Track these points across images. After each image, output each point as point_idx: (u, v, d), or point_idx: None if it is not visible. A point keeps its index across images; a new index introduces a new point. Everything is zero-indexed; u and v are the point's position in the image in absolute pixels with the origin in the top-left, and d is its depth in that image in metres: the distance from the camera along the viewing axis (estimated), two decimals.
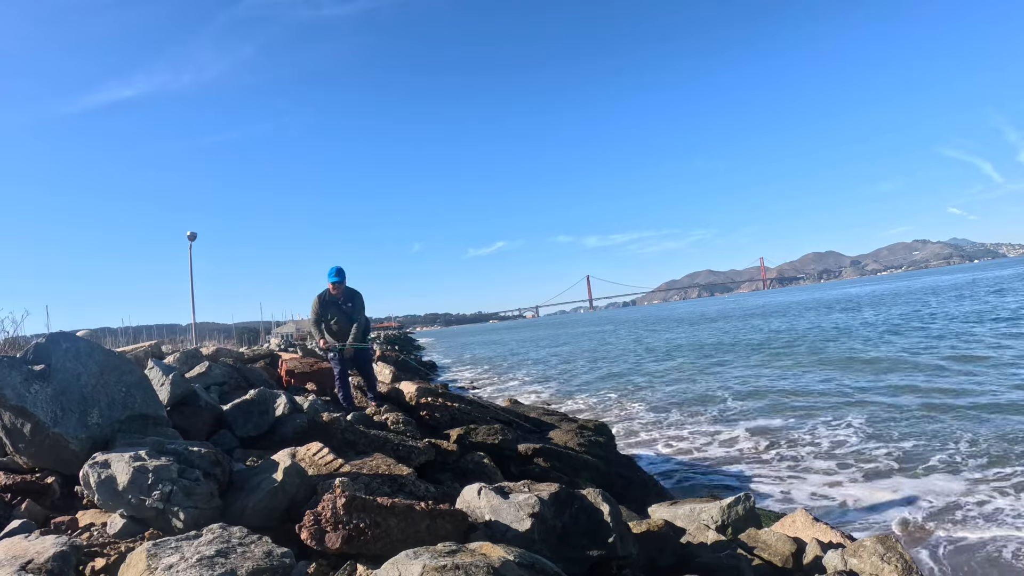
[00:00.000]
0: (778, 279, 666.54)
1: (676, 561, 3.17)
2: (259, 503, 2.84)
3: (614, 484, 5.82)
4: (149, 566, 1.98)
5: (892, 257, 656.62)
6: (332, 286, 6.74)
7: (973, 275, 77.55)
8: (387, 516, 2.36)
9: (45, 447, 3.13)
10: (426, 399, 7.05)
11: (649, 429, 10.40)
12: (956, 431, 8.01)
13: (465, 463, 4.86)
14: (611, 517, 2.79)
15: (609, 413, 12.30)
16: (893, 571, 2.85)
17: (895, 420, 9.00)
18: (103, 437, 3.25)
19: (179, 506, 2.66)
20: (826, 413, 9.97)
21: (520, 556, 2.09)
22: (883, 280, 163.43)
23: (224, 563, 1.98)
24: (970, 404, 9.30)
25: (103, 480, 2.72)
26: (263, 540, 2.20)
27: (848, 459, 7.47)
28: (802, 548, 3.48)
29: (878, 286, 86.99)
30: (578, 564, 2.66)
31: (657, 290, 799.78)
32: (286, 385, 8.44)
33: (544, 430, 7.49)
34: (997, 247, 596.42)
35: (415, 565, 1.88)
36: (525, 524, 2.61)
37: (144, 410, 3.53)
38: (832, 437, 8.42)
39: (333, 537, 2.25)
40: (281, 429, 4.48)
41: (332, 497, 2.37)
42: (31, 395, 3.11)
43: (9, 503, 2.99)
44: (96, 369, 3.42)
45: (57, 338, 3.43)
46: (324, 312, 6.77)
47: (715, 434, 9.48)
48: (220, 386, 6.79)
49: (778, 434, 9.01)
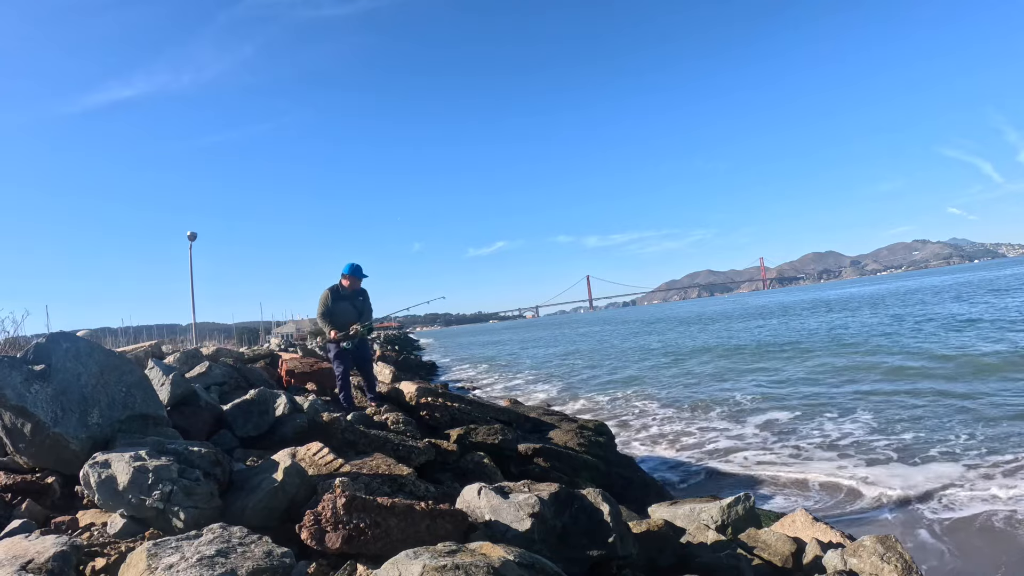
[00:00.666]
0: (778, 279, 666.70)
1: (676, 561, 3.17)
2: (259, 503, 2.84)
3: (614, 484, 5.82)
4: (149, 566, 1.98)
5: (892, 257, 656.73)
6: (347, 280, 6.81)
7: (973, 275, 77.56)
8: (387, 516, 2.36)
9: (45, 447, 3.13)
10: (426, 399, 7.05)
11: (649, 429, 10.40)
12: (956, 425, 8.09)
13: (465, 463, 4.87)
14: (611, 517, 2.79)
15: (610, 413, 12.29)
16: (893, 571, 2.85)
17: (899, 415, 9.06)
18: (103, 437, 3.25)
19: (179, 506, 2.66)
20: (831, 410, 10.00)
21: (520, 556, 2.10)
22: (883, 280, 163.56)
23: (224, 563, 1.98)
24: (972, 400, 9.32)
25: (103, 480, 2.72)
26: (263, 540, 2.20)
27: (849, 450, 7.62)
28: (802, 548, 3.48)
29: (878, 286, 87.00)
30: (578, 564, 2.66)
31: (657, 290, 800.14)
32: (286, 385, 8.45)
33: (544, 430, 7.49)
34: (997, 247, 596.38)
35: (415, 565, 1.88)
36: (525, 524, 2.61)
37: (144, 410, 3.53)
38: (836, 432, 8.44)
39: (333, 537, 2.25)
40: (281, 429, 4.48)
41: (332, 497, 2.37)
42: (31, 395, 3.11)
43: (10, 503, 2.99)
44: (96, 369, 3.42)
45: (57, 338, 3.44)
46: (334, 305, 6.81)
47: (716, 434, 9.47)
48: (220, 386, 6.80)
49: (782, 433, 9.01)
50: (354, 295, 6.92)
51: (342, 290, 6.85)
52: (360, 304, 6.95)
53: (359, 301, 6.95)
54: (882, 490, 6.20)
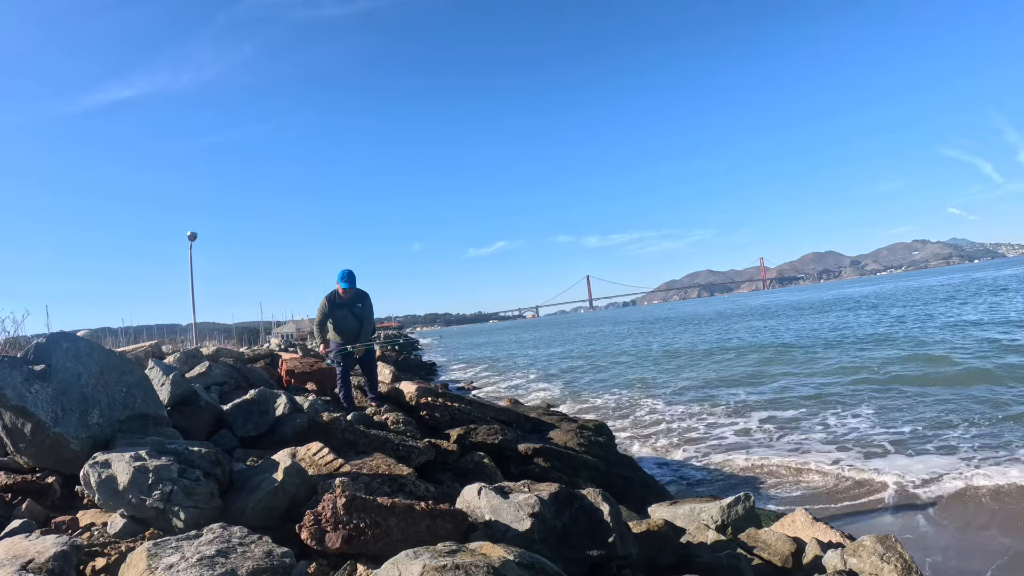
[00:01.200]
0: (778, 279, 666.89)
1: (676, 561, 3.17)
2: (259, 503, 2.84)
3: (614, 484, 5.82)
4: (149, 566, 1.98)
5: (892, 257, 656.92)
6: (342, 290, 6.72)
7: (973, 275, 77.61)
8: (387, 516, 2.36)
9: (46, 447, 3.13)
10: (426, 399, 7.05)
11: (649, 429, 10.40)
12: (957, 423, 8.13)
13: (465, 463, 4.87)
14: (611, 517, 2.79)
15: (610, 413, 12.30)
16: (893, 571, 2.85)
17: (902, 416, 9.09)
18: (103, 437, 3.25)
19: (179, 506, 2.66)
20: (832, 408, 10.01)
21: (520, 556, 2.10)
22: (883, 280, 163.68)
23: (224, 563, 1.99)
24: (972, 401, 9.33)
25: (103, 480, 2.72)
26: (263, 540, 2.20)
27: (851, 449, 7.71)
28: (802, 548, 3.48)
29: (878, 286, 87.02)
30: (578, 564, 2.66)
31: (657, 290, 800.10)
32: (286, 385, 8.45)
33: (544, 430, 7.49)
34: (997, 247, 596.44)
35: (415, 565, 1.88)
36: (525, 524, 2.61)
37: (144, 410, 3.53)
38: (838, 431, 8.44)
39: (333, 537, 2.25)
40: (281, 429, 4.49)
41: (332, 497, 2.37)
42: (32, 395, 3.11)
43: (10, 503, 2.99)
44: (96, 369, 3.42)
45: (57, 338, 3.44)
46: (332, 313, 6.77)
47: (717, 433, 9.48)
48: (220, 386, 6.80)
49: (783, 432, 9.01)
50: (352, 301, 6.81)
51: (338, 298, 6.76)
52: (360, 311, 6.83)
53: (358, 308, 6.83)
54: (882, 489, 6.22)
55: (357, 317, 6.82)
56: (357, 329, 6.79)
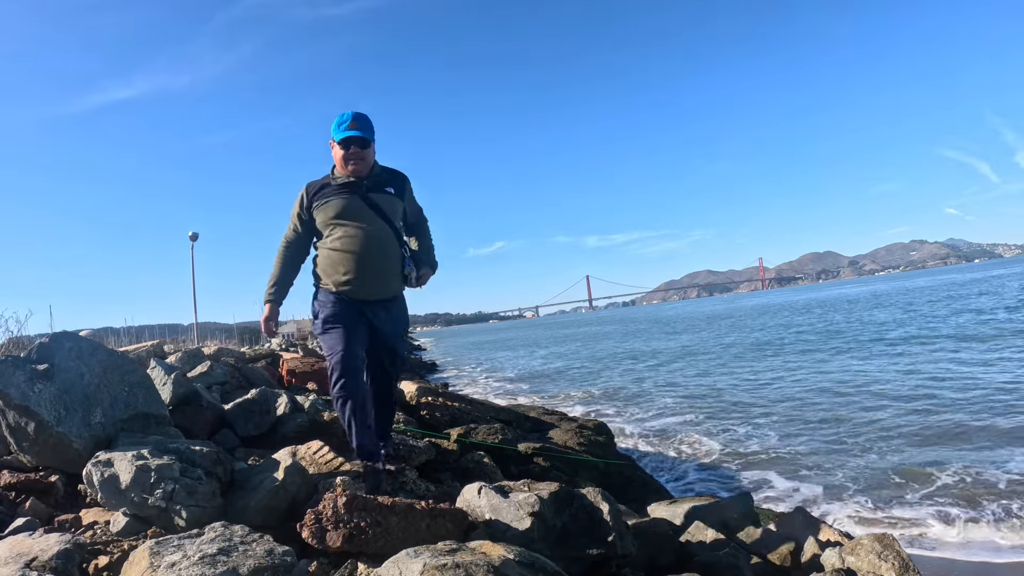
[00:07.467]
0: (777, 279, 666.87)
1: (675, 559, 3.18)
2: (260, 502, 2.85)
3: (613, 483, 5.83)
4: (152, 564, 2.00)
5: (890, 257, 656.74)
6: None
7: (973, 275, 77.48)
8: (388, 515, 2.37)
9: (49, 446, 3.15)
10: (426, 398, 7.06)
11: (650, 428, 10.41)
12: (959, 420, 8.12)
13: (465, 462, 4.87)
14: (611, 516, 2.80)
15: (610, 412, 12.31)
16: (891, 569, 2.86)
17: (905, 415, 9.08)
18: (106, 436, 3.27)
19: (181, 505, 2.68)
20: (833, 406, 10.01)
21: (520, 555, 2.11)
22: (881, 280, 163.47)
23: (226, 561, 2.00)
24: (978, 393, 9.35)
25: (106, 479, 2.74)
26: (264, 539, 2.21)
27: (852, 448, 7.65)
28: (800, 546, 3.49)
29: (878, 286, 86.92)
30: (578, 563, 2.67)
31: (657, 290, 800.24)
32: (287, 384, 8.46)
33: (544, 429, 7.50)
34: (994, 247, 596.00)
35: (416, 563, 1.90)
36: (525, 523, 2.62)
37: (146, 409, 3.55)
38: (839, 430, 8.46)
39: (334, 536, 2.27)
40: (282, 428, 4.50)
41: (333, 496, 2.38)
42: (35, 394, 3.13)
43: (13, 501, 3.01)
44: (99, 368, 3.44)
45: (60, 338, 3.45)
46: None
47: (717, 433, 9.48)
48: (221, 385, 6.81)
49: (783, 431, 9.02)
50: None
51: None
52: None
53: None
54: (882, 487, 6.23)
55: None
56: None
